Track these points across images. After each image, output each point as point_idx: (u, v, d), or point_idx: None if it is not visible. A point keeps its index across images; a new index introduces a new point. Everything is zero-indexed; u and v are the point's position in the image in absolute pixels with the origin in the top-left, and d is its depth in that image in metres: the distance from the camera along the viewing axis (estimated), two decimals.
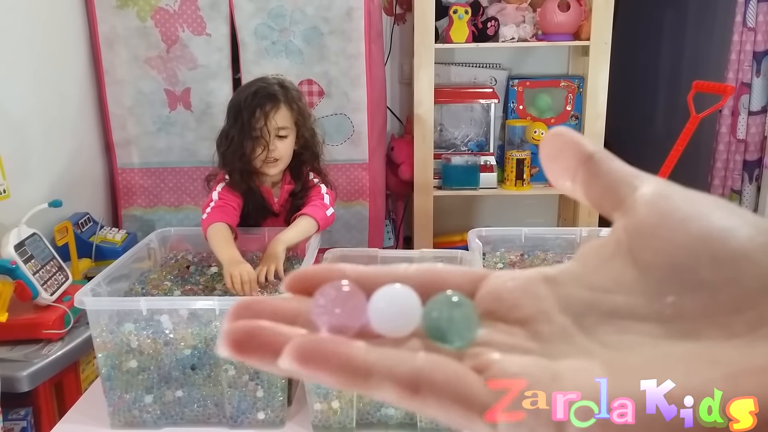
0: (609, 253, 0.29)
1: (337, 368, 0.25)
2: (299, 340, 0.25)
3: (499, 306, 0.29)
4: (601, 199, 0.30)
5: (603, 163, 0.30)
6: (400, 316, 0.29)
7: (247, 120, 1.66)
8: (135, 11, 2.34)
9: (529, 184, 2.64)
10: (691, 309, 0.25)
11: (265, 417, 1.25)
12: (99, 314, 1.20)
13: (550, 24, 2.47)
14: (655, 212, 0.27)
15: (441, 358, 0.26)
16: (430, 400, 0.25)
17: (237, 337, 0.27)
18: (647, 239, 0.27)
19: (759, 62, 2.68)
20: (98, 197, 2.48)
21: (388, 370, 0.25)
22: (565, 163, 0.30)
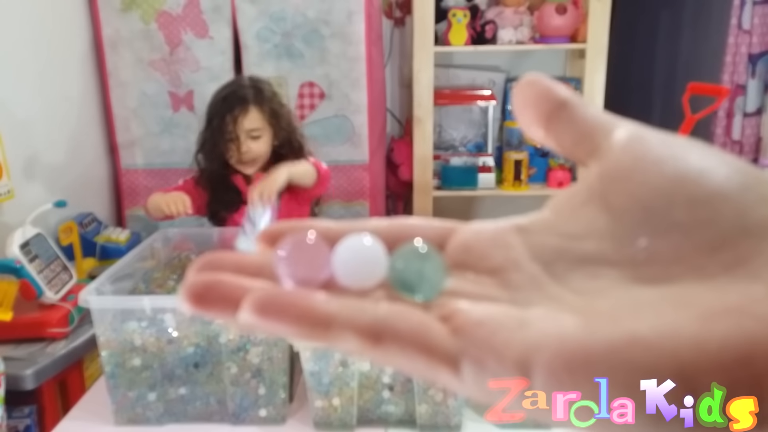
0: (581, 200, 0.28)
1: (296, 318, 0.24)
2: (258, 293, 0.25)
3: (468, 256, 0.29)
4: (575, 147, 0.29)
5: (577, 109, 0.29)
6: (365, 266, 0.28)
7: (218, 125, 1.72)
8: (139, 14, 2.35)
9: (527, 185, 2.65)
10: (663, 252, 0.24)
11: (266, 414, 1.24)
12: (103, 313, 1.20)
13: (547, 27, 2.48)
14: (629, 155, 0.26)
15: (404, 307, 0.25)
16: (393, 350, 0.24)
17: (196, 290, 0.26)
18: (620, 183, 0.26)
19: (754, 64, 2.68)
20: (102, 198, 2.50)
21: (349, 319, 0.24)
22: (538, 110, 0.29)
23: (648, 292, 0.24)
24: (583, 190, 0.28)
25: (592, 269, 0.26)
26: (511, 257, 0.28)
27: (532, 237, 0.28)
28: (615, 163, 0.27)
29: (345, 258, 0.28)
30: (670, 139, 0.26)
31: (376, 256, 0.28)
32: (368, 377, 1.18)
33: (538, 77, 0.29)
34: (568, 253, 0.27)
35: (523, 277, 0.27)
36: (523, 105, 0.30)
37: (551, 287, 0.26)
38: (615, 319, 0.22)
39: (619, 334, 0.21)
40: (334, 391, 1.18)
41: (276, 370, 1.22)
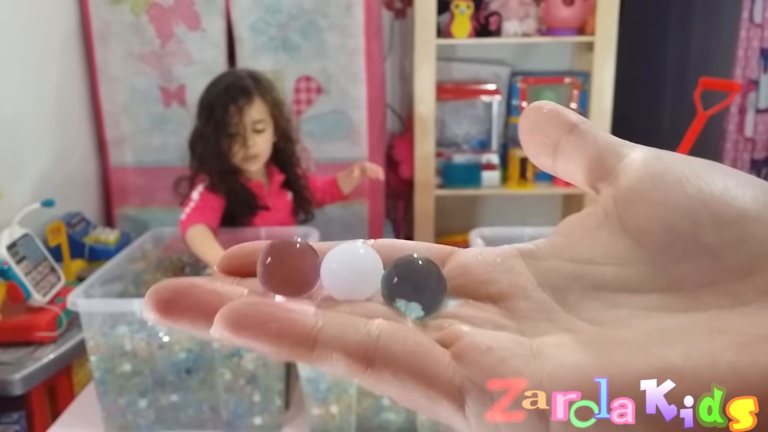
0: (594, 223, 0.26)
1: (276, 335, 0.22)
2: (233, 304, 0.22)
3: (468, 280, 0.27)
4: (586, 172, 0.27)
5: (588, 134, 0.27)
6: (357, 277, 0.26)
7: (222, 117, 1.62)
8: (129, 6, 2.31)
9: (533, 183, 2.61)
10: (691, 277, 0.23)
11: (261, 422, 1.24)
12: (92, 316, 1.19)
13: (554, 19, 2.44)
14: (647, 176, 0.25)
15: (400, 326, 0.23)
16: (386, 375, 0.22)
17: (163, 296, 0.23)
18: (639, 204, 0.25)
19: (766, 59, 2.67)
20: (91, 197, 2.46)
21: (337, 338, 0.22)
22: (546, 136, 0.28)
23: (676, 320, 0.22)
24: (596, 213, 0.27)
25: (610, 297, 0.25)
26: (518, 283, 0.26)
27: (541, 262, 0.27)
28: (632, 184, 0.25)
29: (335, 267, 0.26)
30: (689, 159, 0.25)
31: (370, 266, 0.26)
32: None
33: (546, 103, 0.29)
34: (582, 279, 0.26)
35: (531, 305, 0.26)
36: (530, 132, 0.28)
37: (563, 317, 0.25)
38: (641, 348, 0.21)
39: (647, 363, 0.20)
40: (331, 398, 1.18)
41: (271, 377, 1.22)
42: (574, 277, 0.26)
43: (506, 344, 0.22)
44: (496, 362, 0.22)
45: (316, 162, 2.19)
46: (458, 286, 0.27)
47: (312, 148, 2.36)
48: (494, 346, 0.22)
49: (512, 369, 0.21)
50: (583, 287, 0.25)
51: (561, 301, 0.25)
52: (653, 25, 3.35)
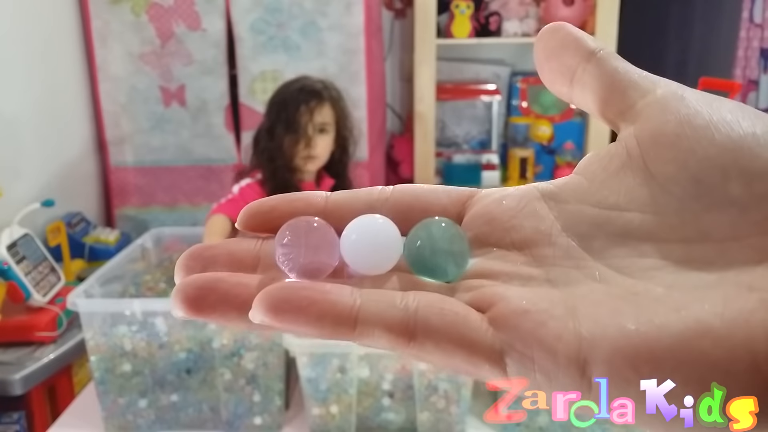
0: (618, 165, 0.25)
1: (318, 317, 0.22)
2: (270, 289, 0.22)
3: (491, 229, 0.26)
4: (604, 104, 0.26)
5: (608, 62, 0.26)
6: (378, 250, 0.25)
7: (293, 115, 1.67)
8: (129, 6, 2.31)
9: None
10: (719, 229, 0.23)
11: (261, 422, 1.24)
12: (92, 316, 1.19)
13: (554, 19, 2.40)
14: (673, 118, 0.24)
15: (437, 297, 0.24)
16: (429, 347, 0.22)
17: (192, 294, 0.23)
18: (665, 149, 0.24)
19: (766, 59, 2.65)
20: (91, 196, 2.45)
21: (377, 315, 0.22)
22: (563, 61, 0.27)
23: (705, 276, 0.22)
24: (620, 153, 0.25)
25: (636, 246, 0.24)
26: (542, 229, 0.26)
27: (564, 206, 0.26)
28: (656, 125, 0.24)
29: (355, 242, 0.25)
30: (716, 101, 0.24)
31: (390, 237, 0.26)
32: (367, 384, 1.17)
33: (563, 25, 0.27)
34: (607, 225, 0.25)
35: (557, 252, 0.25)
36: (546, 56, 0.27)
37: (591, 264, 0.24)
38: (676, 306, 0.21)
39: (684, 324, 0.20)
40: (331, 398, 1.17)
41: (271, 377, 1.21)
42: (598, 222, 0.25)
43: (542, 305, 0.22)
44: (535, 326, 0.22)
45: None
46: (482, 234, 0.27)
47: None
48: (530, 308, 0.22)
49: (551, 332, 0.22)
50: (608, 234, 0.25)
51: (587, 248, 0.25)
52: (653, 24, 3.35)
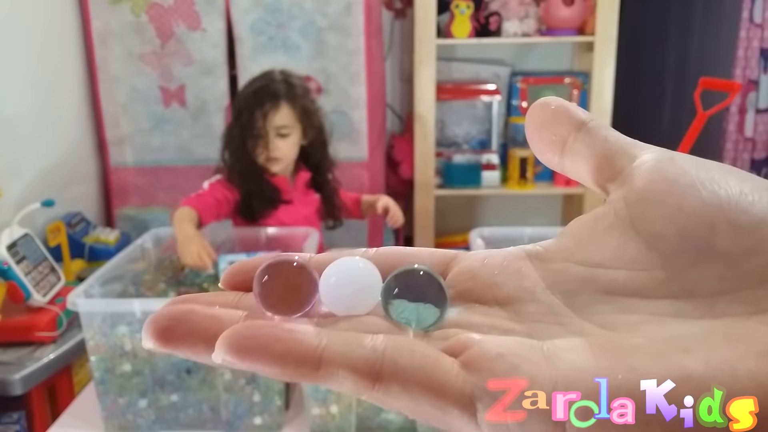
0: (604, 226, 0.26)
1: (281, 357, 0.22)
2: (233, 329, 0.22)
3: (474, 285, 0.26)
4: (595, 171, 0.27)
5: (597, 132, 0.27)
6: (356, 291, 0.25)
7: (247, 120, 1.66)
8: (129, 6, 2.31)
9: (533, 183, 2.61)
10: (706, 283, 0.23)
11: (262, 422, 1.24)
12: (92, 316, 1.19)
13: (554, 19, 2.44)
14: (660, 178, 0.24)
15: (406, 339, 0.23)
16: (395, 390, 0.21)
17: (162, 324, 0.23)
18: (653, 207, 0.24)
19: (766, 59, 2.65)
20: (91, 196, 2.45)
21: (342, 355, 0.22)
22: (554, 133, 0.27)
23: (691, 327, 0.22)
24: (607, 214, 0.26)
25: (622, 301, 0.24)
26: (525, 286, 0.26)
27: (549, 264, 0.26)
28: (644, 185, 0.25)
29: (334, 282, 0.25)
30: (703, 162, 0.25)
31: (369, 280, 0.26)
32: None
33: (554, 99, 0.28)
34: (592, 282, 0.25)
35: (541, 309, 0.25)
36: (537, 127, 0.28)
37: (574, 321, 0.24)
38: (659, 354, 0.21)
39: (666, 371, 0.20)
40: (331, 398, 1.17)
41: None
42: (584, 280, 0.25)
43: (517, 350, 0.22)
44: (508, 368, 0.21)
45: None
46: (464, 290, 0.26)
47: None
48: (505, 353, 0.22)
49: (525, 374, 0.21)
50: (593, 291, 0.25)
51: (571, 305, 0.25)
52: (653, 25, 3.34)
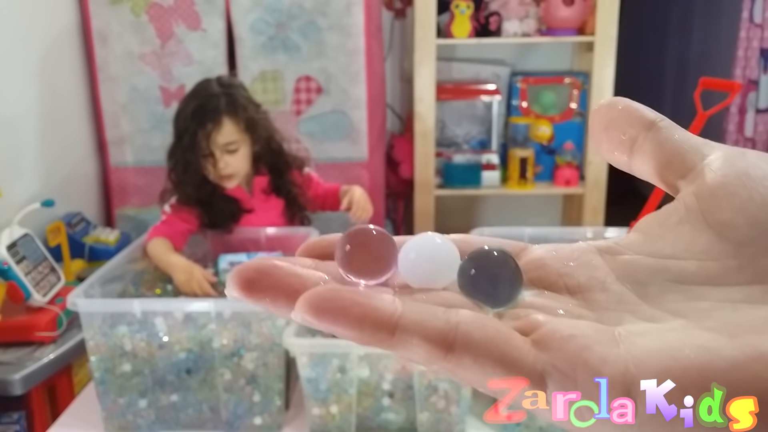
0: (675, 221, 0.26)
1: (358, 321, 0.22)
2: (315, 290, 0.23)
3: (546, 273, 0.27)
4: (666, 168, 0.27)
5: (668, 131, 0.27)
6: (434, 266, 0.26)
7: (189, 142, 1.59)
8: (129, 6, 2.30)
9: (533, 183, 2.60)
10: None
11: (261, 422, 1.24)
12: (92, 316, 1.19)
13: (554, 18, 2.44)
14: (732, 172, 0.25)
15: (479, 315, 0.23)
16: (466, 361, 0.22)
17: (248, 275, 0.24)
18: (724, 199, 0.25)
19: (766, 59, 2.65)
20: (91, 196, 2.46)
21: (417, 324, 0.22)
22: (623, 133, 0.28)
23: (763, 311, 0.22)
24: (677, 210, 0.26)
25: (694, 290, 0.24)
26: (595, 276, 0.26)
27: (619, 258, 0.27)
28: (715, 179, 0.25)
29: (415, 255, 0.26)
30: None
31: (448, 256, 0.26)
32: (367, 384, 1.17)
33: (621, 99, 0.28)
34: (663, 272, 0.25)
35: (611, 297, 0.25)
36: (605, 127, 0.28)
37: (645, 309, 0.24)
38: (731, 336, 0.21)
39: (739, 350, 0.20)
40: (331, 398, 1.17)
41: (271, 377, 1.21)
42: (654, 270, 0.25)
43: (588, 331, 0.22)
44: (579, 348, 0.21)
45: (316, 162, 2.19)
46: (535, 278, 0.27)
47: (312, 148, 2.36)
48: (576, 334, 0.22)
49: (596, 355, 0.21)
50: (664, 280, 0.25)
51: (641, 294, 0.25)
52: (653, 25, 3.35)
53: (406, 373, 1.14)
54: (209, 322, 1.17)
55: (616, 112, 0.28)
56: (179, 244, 1.59)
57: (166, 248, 1.54)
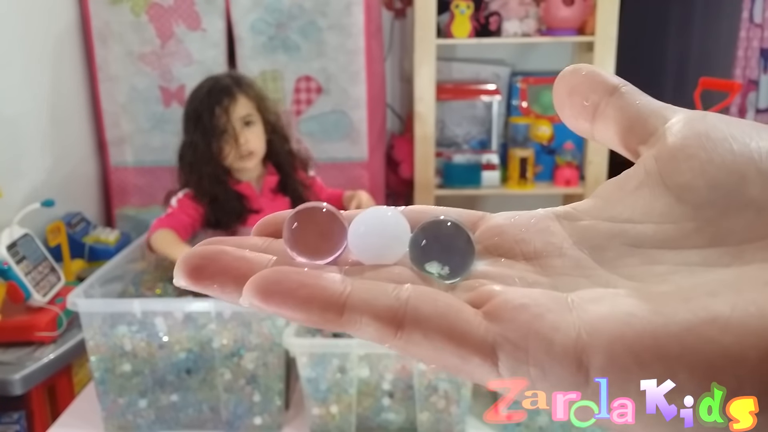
0: (634, 184, 0.26)
1: (305, 302, 0.22)
2: (261, 273, 0.22)
3: (502, 240, 0.27)
4: (627, 133, 0.27)
5: (630, 96, 0.27)
6: (384, 241, 0.25)
7: (209, 121, 1.61)
8: (129, 6, 2.30)
9: (533, 183, 2.60)
10: (735, 232, 0.23)
11: (261, 422, 1.24)
12: (92, 316, 1.19)
13: (554, 19, 2.44)
14: (692, 134, 0.25)
15: (429, 289, 0.23)
16: (416, 338, 0.21)
17: (194, 262, 0.24)
18: (683, 162, 0.24)
19: (766, 59, 2.65)
20: (91, 196, 2.45)
21: (366, 302, 0.22)
22: (585, 98, 0.28)
23: (719, 274, 0.22)
24: (636, 174, 0.26)
25: (650, 253, 0.24)
26: (552, 242, 0.26)
27: (577, 223, 0.26)
28: (675, 142, 0.25)
29: (363, 231, 0.26)
30: (734, 120, 0.25)
31: (397, 229, 0.26)
32: (367, 384, 1.17)
33: (585, 65, 0.28)
34: (620, 237, 0.25)
35: (567, 263, 0.25)
36: (569, 92, 0.28)
37: (601, 273, 0.24)
38: (685, 299, 0.20)
39: (693, 313, 0.20)
40: (331, 398, 1.17)
41: (271, 377, 1.21)
42: (612, 235, 0.25)
43: (541, 300, 0.22)
44: (531, 318, 0.21)
45: (316, 162, 2.18)
46: (491, 246, 0.26)
47: (312, 148, 2.35)
48: (529, 303, 0.22)
49: (548, 323, 0.21)
50: (621, 244, 0.25)
51: (598, 259, 0.25)
52: (653, 25, 3.35)
53: (406, 373, 1.14)
54: (209, 322, 1.17)
55: (579, 77, 0.28)
56: (183, 238, 1.60)
57: (172, 239, 1.55)
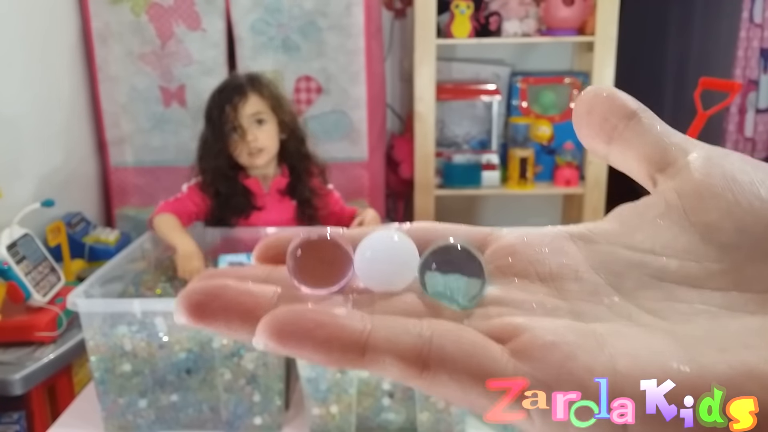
0: (655, 214, 0.25)
1: (325, 343, 0.21)
2: (275, 313, 0.21)
3: (515, 261, 0.26)
4: (645, 160, 0.27)
5: (649, 123, 0.27)
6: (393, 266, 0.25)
7: (218, 117, 1.66)
8: (129, 6, 2.30)
9: (533, 183, 2.60)
10: (761, 280, 0.22)
11: (261, 422, 1.23)
12: (92, 316, 1.18)
13: (554, 19, 2.44)
14: (717, 173, 0.24)
15: (454, 325, 0.22)
16: (443, 378, 0.21)
17: (195, 299, 0.22)
18: (708, 201, 0.24)
19: (766, 59, 2.65)
20: (91, 196, 2.45)
21: (389, 341, 0.21)
22: (603, 120, 0.27)
23: (746, 322, 0.21)
24: (657, 204, 0.26)
25: (673, 289, 0.23)
26: (568, 264, 0.25)
27: (594, 246, 0.26)
28: (700, 179, 0.25)
29: (370, 257, 0.25)
30: (758, 163, 0.25)
31: (406, 255, 0.25)
32: (367, 384, 1.17)
33: (605, 87, 0.28)
34: (641, 267, 0.24)
35: (584, 288, 0.24)
36: (588, 111, 0.28)
37: (620, 303, 0.23)
38: (721, 349, 0.20)
39: (729, 366, 0.19)
40: (331, 398, 1.17)
41: (271, 377, 1.21)
42: (632, 264, 0.25)
43: (569, 337, 0.21)
44: (563, 358, 0.21)
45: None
46: (504, 266, 0.26)
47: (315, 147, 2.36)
48: (557, 341, 0.21)
49: (581, 365, 0.20)
50: (642, 275, 0.24)
51: (616, 286, 0.24)
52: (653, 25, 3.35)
53: None
54: None
55: (599, 98, 0.28)
56: (185, 224, 1.65)
57: (174, 225, 1.60)
